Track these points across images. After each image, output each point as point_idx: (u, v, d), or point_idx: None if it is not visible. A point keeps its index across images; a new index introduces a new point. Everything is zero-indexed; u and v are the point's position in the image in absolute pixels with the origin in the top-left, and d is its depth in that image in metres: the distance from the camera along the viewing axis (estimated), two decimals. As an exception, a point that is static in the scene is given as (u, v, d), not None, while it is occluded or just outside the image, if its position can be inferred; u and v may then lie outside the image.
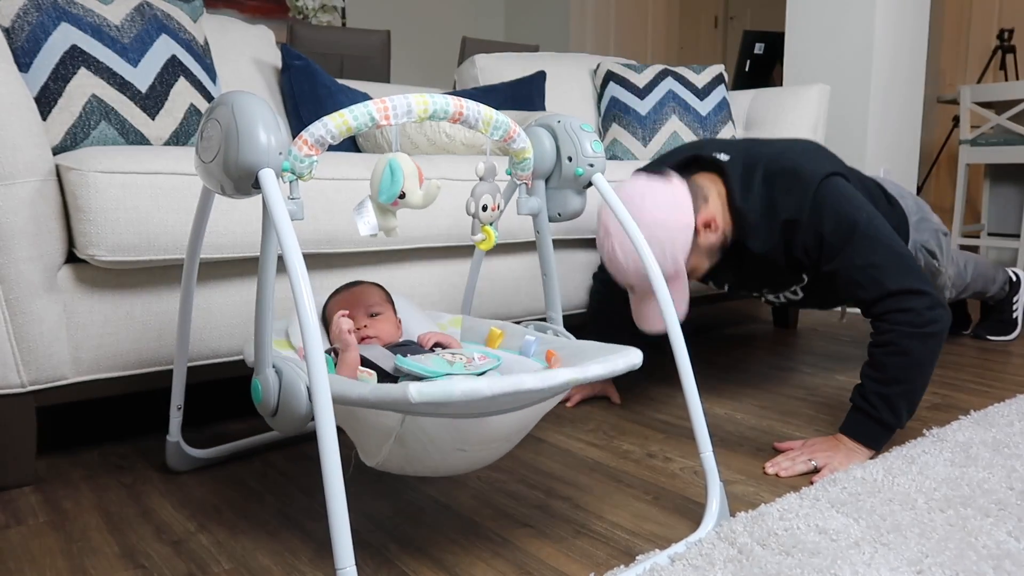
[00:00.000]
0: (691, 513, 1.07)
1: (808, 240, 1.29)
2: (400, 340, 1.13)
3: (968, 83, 3.94)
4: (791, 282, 1.45)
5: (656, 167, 1.49)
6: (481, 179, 0.98)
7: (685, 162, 1.43)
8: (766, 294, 1.56)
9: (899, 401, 1.21)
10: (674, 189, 1.27)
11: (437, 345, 1.11)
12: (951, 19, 4.13)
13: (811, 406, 1.56)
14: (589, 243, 1.75)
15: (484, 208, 0.98)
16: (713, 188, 1.34)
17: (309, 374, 0.74)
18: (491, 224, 1.01)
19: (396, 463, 0.92)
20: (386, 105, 0.84)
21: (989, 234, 3.71)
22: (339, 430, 1.28)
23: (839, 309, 2.08)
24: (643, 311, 1.31)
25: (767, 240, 1.32)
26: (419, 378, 0.93)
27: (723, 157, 1.38)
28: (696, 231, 1.29)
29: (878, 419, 1.22)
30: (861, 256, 1.25)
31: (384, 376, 1.00)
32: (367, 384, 0.83)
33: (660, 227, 1.23)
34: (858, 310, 2.07)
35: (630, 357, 0.91)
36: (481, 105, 0.92)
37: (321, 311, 1.17)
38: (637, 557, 0.93)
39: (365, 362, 1.02)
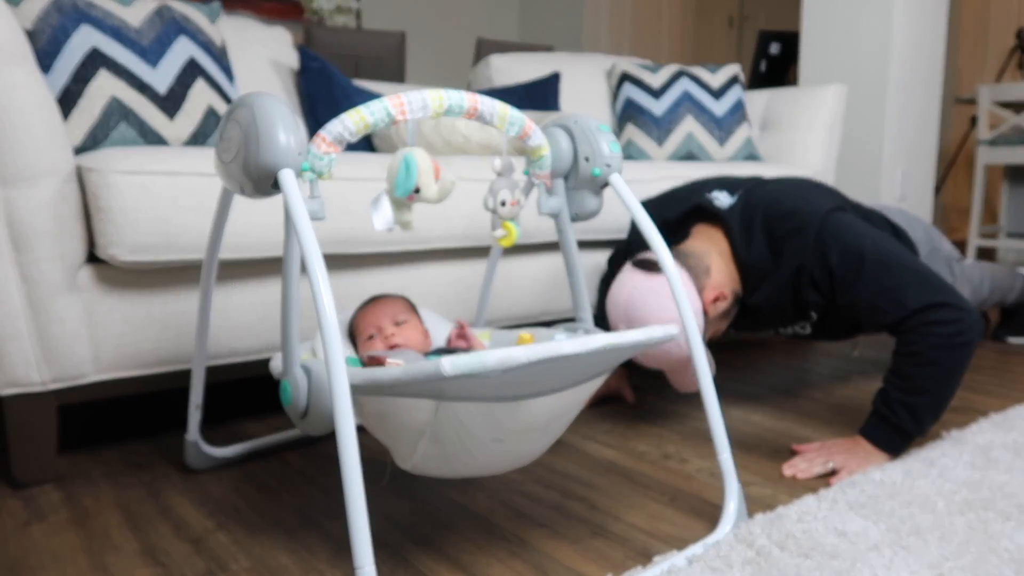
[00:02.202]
0: (708, 515, 1.07)
1: (817, 275, 1.27)
2: (431, 349, 1.13)
3: (986, 83, 3.91)
4: (797, 320, 1.43)
5: (664, 204, 1.49)
6: (499, 175, 0.99)
7: (687, 213, 1.43)
8: (775, 329, 1.56)
9: (924, 412, 1.19)
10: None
11: (461, 338, 1.13)
12: (969, 18, 4.09)
13: (828, 408, 1.55)
14: (603, 244, 1.74)
15: (503, 203, 0.98)
16: (714, 249, 1.34)
17: (328, 368, 0.74)
18: (512, 220, 1.00)
19: (432, 462, 0.90)
20: (402, 101, 0.85)
21: (1008, 235, 3.68)
22: (367, 434, 1.29)
23: (852, 341, 2.08)
24: (676, 380, 1.37)
25: (775, 288, 1.32)
26: None
27: (725, 200, 1.37)
28: (705, 311, 1.29)
29: (899, 427, 1.20)
30: (876, 282, 1.22)
31: None
32: (398, 367, 0.82)
33: (673, 323, 1.21)
34: (871, 341, 2.06)
35: (667, 328, 0.91)
36: (496, 100, 0.93)
37: (348, 327, 1.18)
38: (654, 558, 0.93)
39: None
